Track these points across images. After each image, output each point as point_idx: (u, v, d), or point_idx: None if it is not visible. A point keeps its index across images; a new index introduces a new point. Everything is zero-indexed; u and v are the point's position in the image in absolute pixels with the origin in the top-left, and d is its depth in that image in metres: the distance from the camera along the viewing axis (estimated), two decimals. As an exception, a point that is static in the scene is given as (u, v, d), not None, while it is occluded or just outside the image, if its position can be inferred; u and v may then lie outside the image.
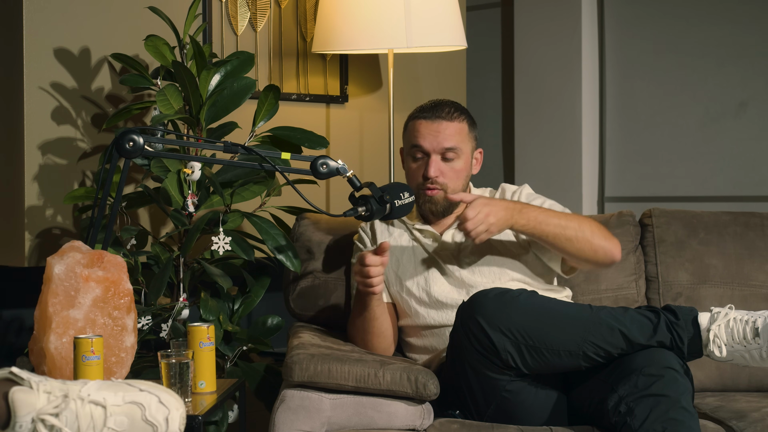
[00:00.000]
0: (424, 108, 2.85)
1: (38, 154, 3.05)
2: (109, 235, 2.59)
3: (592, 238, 2.71)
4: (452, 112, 2.82)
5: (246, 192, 3.01)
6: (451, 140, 2.79)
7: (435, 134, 2.80)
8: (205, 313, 2.91)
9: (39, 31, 3.04)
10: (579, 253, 2.72)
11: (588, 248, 2.72)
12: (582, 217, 2.75)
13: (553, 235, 2.69)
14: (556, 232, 2.69)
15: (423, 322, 2.81)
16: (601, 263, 2.76)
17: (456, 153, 2.80)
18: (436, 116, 2.81)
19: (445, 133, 2.80)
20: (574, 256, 2.73)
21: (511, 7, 4.42)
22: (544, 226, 2.69)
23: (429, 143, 2.80)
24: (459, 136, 2.81)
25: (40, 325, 2.36)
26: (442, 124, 2.80)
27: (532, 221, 2.68)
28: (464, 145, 2.82)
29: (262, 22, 3.52)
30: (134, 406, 1.95)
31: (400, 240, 2.89)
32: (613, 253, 2.74)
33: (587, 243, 2.71)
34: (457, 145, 2.80)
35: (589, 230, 2.72)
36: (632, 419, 2.32)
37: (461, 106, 2.87)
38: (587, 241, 2.71)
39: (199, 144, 2.86)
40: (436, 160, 2.80)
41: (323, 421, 2.47)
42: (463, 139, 2.82)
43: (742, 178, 3.88)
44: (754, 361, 2.46)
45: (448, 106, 2.84)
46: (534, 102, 4.30)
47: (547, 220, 2.69)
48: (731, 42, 3.90)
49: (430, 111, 2.82)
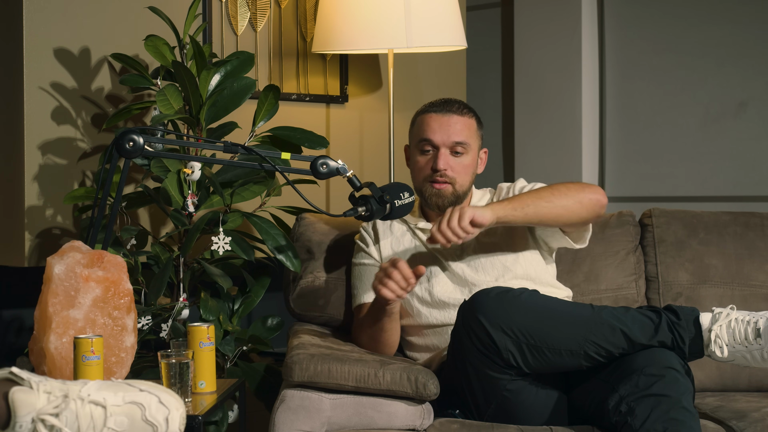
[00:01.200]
0: (433, 104, 2.86)
1: (38, 154, 3.05)
2: (109, 235, 2.58)
3: (569, 191, 2.71)
4: (462, 108, 2.84)
5: (246, 192, 3.01)
6: (461, 134, 2.80)
7: (445, 128, 2.80)
8: (205, 313, 2.91)
9: (39, 31, 3.04)
10: (566, 213, 2.71)
11: (572, 203, 2.70)
12: (553, 184, 2.76)
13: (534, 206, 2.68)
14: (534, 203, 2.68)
15: (425, 322, 2.81)
16: (592, 212, 2.74)
17: (465, 148, 2.81)
18: (446, 110, 2.82)
19: (455, 127, 2.80)
20: (563, 218, 2.72)
21: (511, 7, 4.42)
22: (522, 205, 2.67)
23: (439, 137, 2.80)
24: (468, 131, 2.82)
25: (40, 325, 2.36)
26: (452, 118, 2.81)
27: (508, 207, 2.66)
28: (472, 141, 2.83)
29: (262, 22, 3.52)
30: (134, 406, 1.94)
31: (402, 239, 2.89)
32: (597, 197, 2.73)
33: (568, 199, 2.70)
34: (466, 140, 2.81)
35: (564, 188, 2.72)
36: (633, 419, 2.32)
37: (470, 106, 2.90)
38: (566, 197, 2.70)
39: (199, 144, 2.86)
40: (445, 153, 2.80)
41: (323, 421, 2.47)
42: (471, 135, 2.83)
43: (742, 178, 3.88)
44: (755, 361, 2.46)
45: (458, 103, 2.86)
46: (534, 102, 4.30)
47: (521, 199, 2.68)
48: (731, 42, 3.90)
49: (440, 106, 2.84)
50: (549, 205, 2.69)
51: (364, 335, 2.79)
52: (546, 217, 2.70)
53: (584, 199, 2.72)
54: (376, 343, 2.77)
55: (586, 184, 2.77)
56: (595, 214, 2.76)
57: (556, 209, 2.69)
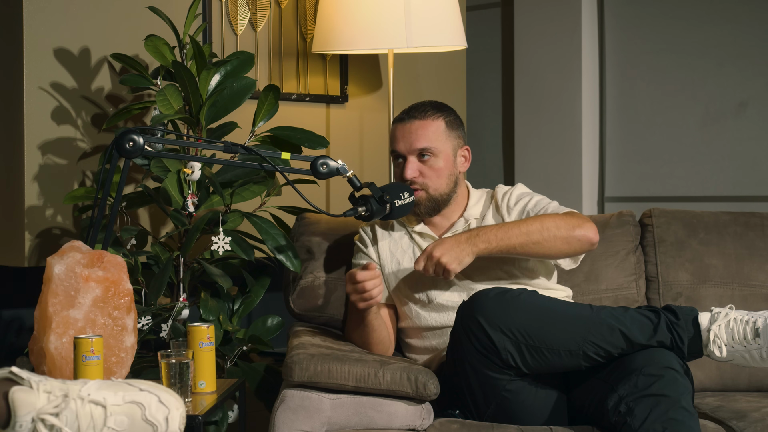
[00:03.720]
0: (402, 112, 2.85)
1: (38, 154, 3.05)
2: (109, 235, 2.59)
3: (558, 231, 2.66)
4: (426, 111, 2.81)
5: (246, 192, 3.01)
6: (424, 140, 2.78)
7: (407, 136, 2.79)
8: (205, 313, 2.91)
9: (39, 31, 3.04)
10: (553, 251, 2.68)
11: (560, 243, 2.67)
12: (544, 216, 2.70)
13: (520, 245, 2.65)
14: (521, 241, 2.65)
15: (424, 324, 2.81)
16: (580, 251, 2.72)
17: (431, 152, 2.79)
18: (409, 117, 2.81)
19: (417, 133, 2.79)
20: (549, 255, 2.70)
21: (511, 7, 4.42)
22: (507, 240, 2.64)
23: (403, 146, 2.80)
24: (433, 134, 2.79)
25: (40, 325, 2.36)
26: (414, 124, 2.80)
27: (493, 241, 2.64)
28: (440, 143, 2.80)
29: (262, 22, 3.52)
30: (134, 405, 1.95)
31: (400, 242, 2.89)
32: (588, 236, 2.68)
33: (556, 239, 2.66)
34: (430, 144, 2.78)
35: (554, 226, 2.66)
36: (632, 419, 2.32)
37: (443, 105, 2.86)
38: (555, 237, 2.66)
39: (199, 144, 2.86)
40: (413, 161, 2.79)
41: (323, 421, 2.47)
42: (438, 138, 2.80)
43: (742, 178, 3.88)
44: (754, 361, 2.46)
45: (425, 106, 2.83)
46: (534, 102, 4.30)
47: (508, 233, 2.65)
48: (731, 42, 3.90)
49: (405, 113, 2.83)
50: (535, 246, 2.65)
51: (355, 335, 2.81)
52: (530, 254, 2.68)
53: (573, 239, 2.67)
54: (368, 342, 2.77)
55: (579, 218, 2.70)
56: (583, 251, 2.73)
57: (542, 249, 2.66)
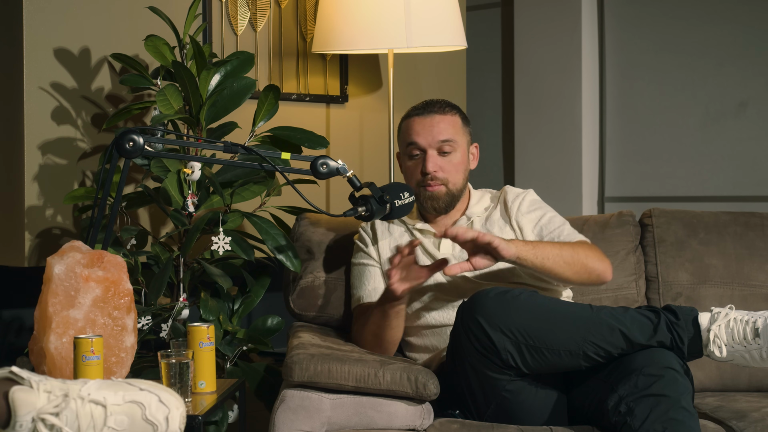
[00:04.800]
0: (416, 107, 2.86)
1: (38, 154, 3.05)
2: (109, 235, 2.59)
3: (587, 260, 2.69)
4: (444, 107, 2.85)
5: (246, 192, 3.01)
6: (446, 132, 2.80)
7: (429, 128, 2.81)
8: (205, 313, 2.91)
9: (39, 31, 3.04)
10: (575, 277, 2.70)
11: (583, 271, 2.70)
12: (575, 243, 2.73)
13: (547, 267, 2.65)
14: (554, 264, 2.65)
15: (424, 322, 2.81)
16: (593, 283, 2.76)
17: (452, 145, 2.81)
18: (428, 111, 2.83)
19: (439, 126, 2.81)
20: (571, 280, 2.71)
21: (511, 7, 4.42)
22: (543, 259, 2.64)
23: (424, 138, 2.80)
24: (453, 129, 2.82)
25: (40, 325, 2.36)
26: (435, 118, 2.81)
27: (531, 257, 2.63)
28: (459, 137, 2.83)
29: (262, 22, 3.53)
30: (134, 405, 1.94)
31: (400, 240, 2.89)
32: (606, 274, 2.72)
33: (582, 268, 2.69)
34: (452, 137, 2.81)
35: (584, 254, 2.70)
36: (632, 419, 2.32)
37: (453, 103, 2.89)
38: (583, 265, 2.69)
39: (199, 144, 2.86)
40: (433, 155, 2.80)
41: (323, 421, 2.47)
42: (457, 132, 2.82)
43: (742, 178, 3.88)
44: (754, 361, 2.46)
45: (439, 102, 2.86)
46: (534, 102, 4.30)
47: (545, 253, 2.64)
48: (731, 42, 3.90)
49: (422, 108, 2.84)
50: (562, 268, 2.66)
51: (368, 334, 2.77)
52: (551, 274, 2.68)
53: (593, 272, 2.70)
54: (381, 340, 2.76)
55: (604, 256, 2.74)
56: (593, 284, 2.76)
57: (566, 273, 2.68)
